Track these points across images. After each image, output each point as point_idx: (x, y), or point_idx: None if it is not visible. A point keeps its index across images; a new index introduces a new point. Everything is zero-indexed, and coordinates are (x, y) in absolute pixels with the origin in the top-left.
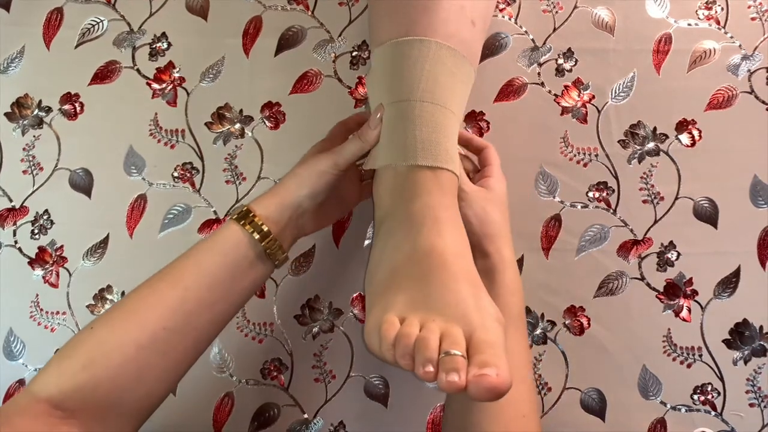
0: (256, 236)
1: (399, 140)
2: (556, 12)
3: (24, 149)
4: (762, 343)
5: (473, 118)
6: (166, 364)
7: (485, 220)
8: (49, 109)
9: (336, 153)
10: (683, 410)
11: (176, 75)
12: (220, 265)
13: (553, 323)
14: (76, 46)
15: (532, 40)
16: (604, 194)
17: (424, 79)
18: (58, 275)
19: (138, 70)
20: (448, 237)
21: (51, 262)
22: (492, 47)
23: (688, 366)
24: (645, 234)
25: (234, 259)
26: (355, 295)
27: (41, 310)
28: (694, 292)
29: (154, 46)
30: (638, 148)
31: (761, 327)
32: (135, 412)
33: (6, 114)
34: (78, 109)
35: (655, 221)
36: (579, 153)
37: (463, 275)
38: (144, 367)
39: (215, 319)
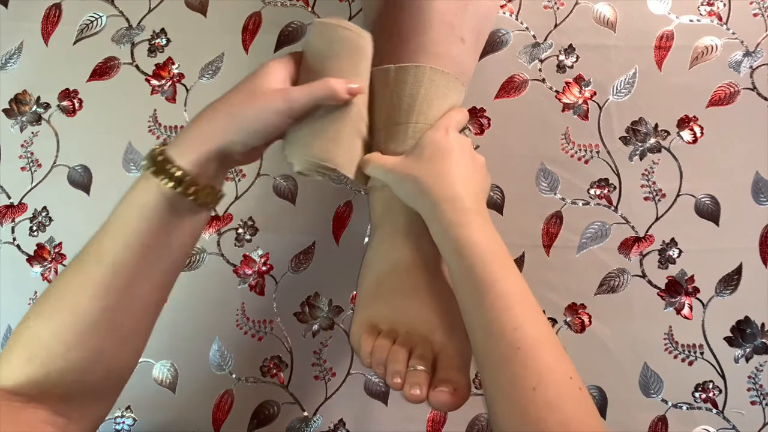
0: (178, 190)
1: None
2: (558, 8)
3: (22, 146)
4: (764, 340)
5: (474, 114)
6: (119, 340)
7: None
8: (47, 106)
9: (292, 98)
10: (684, 408)
11: (175, 71)
12: (145, 230)
13: (554, 320)
14: (75, 42)
15: (533, 36)
16: (606, 191)
17: (418, 103)
18: (56, 272)
19: (137, 67)
20: (429, 252)
21: (50, 259)
22: (493, 44)
23: (690, 364)
24: (646, 231)
25: (159, 220)
26: (355, 292)
27: None
28: (696, 290)
29: (153, 42)
30: (639, 144)
31: (763, 324)
32: (103, 391)
33: (4, 110)
34: (77, 105)
35: (657, 218)
36: (580, 150)
37: (440, 291)
38: (94, 349)
39: (158, 282)
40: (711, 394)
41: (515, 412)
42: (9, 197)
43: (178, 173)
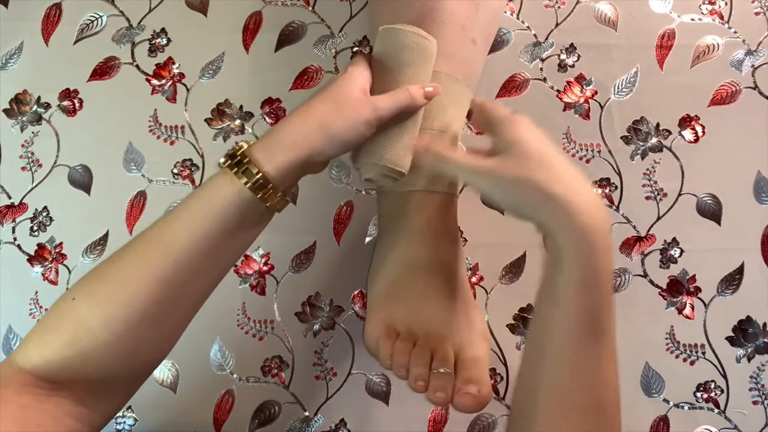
0: (258, 195)
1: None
2: (559, 7)
3: (23, 146)
4: (765, 340)
5: None
6: (162, 335)
7: (508, 202)
8: (48, 106)
9: (379, 107)
10: (686, 408)
11: (176, 71)
12: (217, 230)
13: None
14: (75, 42)
15: (534, 35)
16: (607, 190)
17: (435, 109)
18: (57, 272)
19: (137, 66)
20: (444, 253)
21: (50, 259)
22: (494, 43)
23: (691, 363)
24: (648, 231)
25: (232, 221)
26: (356, 292)
27: (41, 307)
28: (697, 289)
29: (153, 41)
30: (641, 144)
31: (765, 324)
32: (129, 382)
33: (5, 110)
34: (77, 105)
35: (658, 218)
36: (581, 149)
37: (457, 292)
38: (137, 342)
39: (212, 280)
40: (713, 394)
41: None
42: (9, 197)
43: (262, 178)
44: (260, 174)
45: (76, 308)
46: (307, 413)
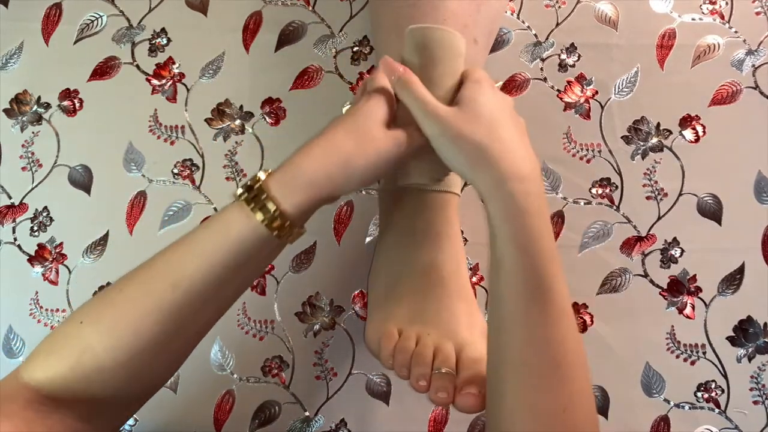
0: (270, 228)
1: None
2: (559, 7)
3: (23, 146)
4: (766, 340)
5: None
6: (167, 360)
7: (463, 148)
8: (48, 106)
9: (401, 143)
10: (687, 408)
11: (176, 71)
12: (229, 263)
13: None
14: (75, 42)
15: (535, 35)
16: (607, 190)
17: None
18: (57, 272)
19: (137, 66)
20: (447, 253)
21: (50, 259)
22: (494, 42)
23: (692, 363)
24: (648, 230)
25: (244, 254)
26: (356, 292)
27: (41, 307)
28: (698, 289)
29: (153, 41)
30: (641, 144)
31: (765, 324)
32: (132, 403)
33: (5, 110)
34: (77, 105)
35: (659, 218)
36: (582, 149)
37: (458, 292)
38: (139, 368)
39: (222, 307)
40: (713, 394)
41: (536, 428)
42: (10, 197)
43: (278, 215)
44: (278, 212)
45: (83, 333)
46: (307, 413)
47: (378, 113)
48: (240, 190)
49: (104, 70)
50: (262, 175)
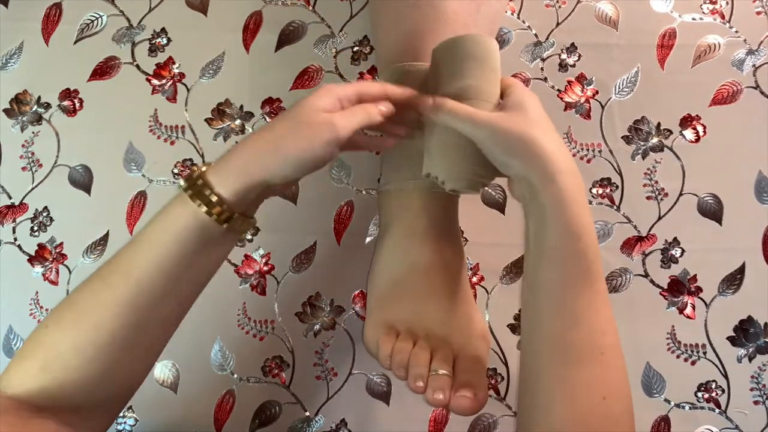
0: (213, 217)
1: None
2: (559, 7)
3: (23, 146)
4: (766, 340)
5: None
6: (134, 357)
7: (510, 147)
8: (48, 106)
9: (337, 125)
10: (687, 408)
11: (176, 71)
12: (177, 253)
13: None
14: (75, 42)
15: (535, 35)
16: (608, 190)
17: None
18: (57, 272)
19: (137, 66)
20: (448, 254)
21: (51, 259)
22: None
23: (692, 363)
24: (649, 230)
25: (191, 244)
26: (356, 292)
27: (41, 307)
28: (699, 289)
29: (153, 41)
30: (642, 143)
31: (766, 324)
32: (109, 404)
33: (5, 110)
34: (77, 105)
35: (659, 218)
36: (582, 149)
37: (458, 293)
38: (108, 365)
39: (181, 301)
40: (714, 394)
41: (574, 415)
42: (10, 197)
43: (216, 200)
44: (216, 198)
45: (48, 335)
46: (307, 413)
47: (317, 101)
48: (181, 182)
49: (104, 70)
50: (204, 168)
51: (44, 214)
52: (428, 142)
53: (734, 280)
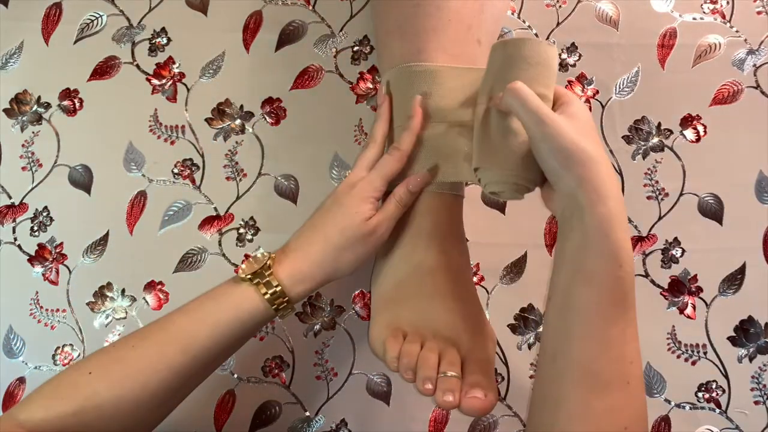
0: (269, 299)
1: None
2: (560, 6)
3: (23, 145)
4: (767, 340)
5: None
6: (160, 413)
7: (572, 150)
8: (48, 105)
9: (382, 233)
10: (687, 408)
11: (176, 70)
12: (237, 332)
13: None
14: (75, 42)
15: (536, 34)
16: None
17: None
18: (57, 272)
19: (137, 66)
20: (453, 255)
21: (51, 259)
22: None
23: (693, 363)
24: (649, 230)
25: (249, 324)
26: (356, 292)
27: (41, 307)
28: (699, 289)
29: (153, 41)
30: (642, 143)
31: (766, 324)
32: None
33: (5, 110)
34: (77, 105)
35: (660, 217)
36: None
37: (464, 294)
38: (141, 419)
39: (216, 368)
40: (714, 394)
41: None
42: (10, 197)
43: (280, 291)
44: (286, 297)
45: (91, 383)
46: (307, 413)
47: (364, 212)
48: (251, 275)
49: (104, 69)
50: (260, 253)
51: (44, 214)
52: (480, 139)
53: (735, 280)
